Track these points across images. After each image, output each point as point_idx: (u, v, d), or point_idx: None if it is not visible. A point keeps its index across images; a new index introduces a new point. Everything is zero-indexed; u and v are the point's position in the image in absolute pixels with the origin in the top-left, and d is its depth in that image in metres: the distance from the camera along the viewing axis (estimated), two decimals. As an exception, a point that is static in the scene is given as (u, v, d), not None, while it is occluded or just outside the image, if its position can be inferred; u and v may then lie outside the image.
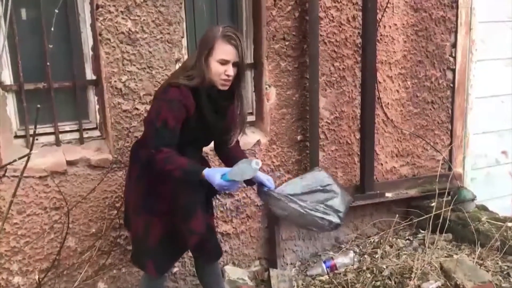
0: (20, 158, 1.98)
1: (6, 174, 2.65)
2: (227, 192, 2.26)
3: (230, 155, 2.44)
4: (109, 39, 2.75)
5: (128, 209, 2.49)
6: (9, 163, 2.17)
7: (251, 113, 3.35)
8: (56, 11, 2.12)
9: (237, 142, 2.50)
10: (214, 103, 2.24)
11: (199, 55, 2.19)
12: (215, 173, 2.15)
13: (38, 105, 2.06)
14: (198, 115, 2.21)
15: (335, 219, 2.33)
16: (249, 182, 2.37)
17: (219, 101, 2.25)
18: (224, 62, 2.16)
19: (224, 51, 2.15)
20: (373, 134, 3.47)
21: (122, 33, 2.77)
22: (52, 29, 2.09)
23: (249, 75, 3.30)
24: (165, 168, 2.14)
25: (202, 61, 2.17)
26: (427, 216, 3.36)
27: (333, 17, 3.28)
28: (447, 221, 3.16)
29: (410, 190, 3.76)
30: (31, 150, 2.08)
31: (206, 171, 2.16)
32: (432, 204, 3.60)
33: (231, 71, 2.18)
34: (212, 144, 2.57)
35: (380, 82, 3.53)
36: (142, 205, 2.34)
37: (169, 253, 2.41)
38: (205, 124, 2.24)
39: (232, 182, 2.15)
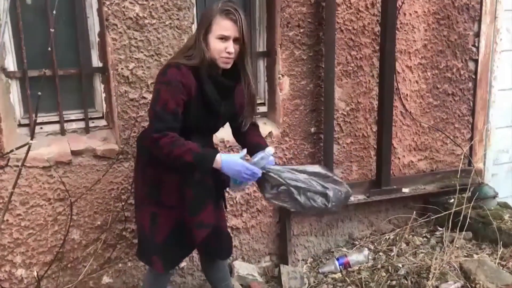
0: (18, 148, 1.87)
1: (9, 164, 2.57)
2: (245, 180, 2.11)
3: (248, 141, 2.31)
4: (116, 25, 2.64)
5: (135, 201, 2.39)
6: (8, 153, 2.08)
7: (263, 104, 3.25)
8: (58, -4, 1.99)
9: (257, 126, 2.39)
10: (217, 83, 2.12)
11: (198, 33, 2.08)
12: (236, 157, 2.03)
13: (39, 93, 1.95)
14: (200, 97, 2.09)
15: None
16: None
17: (222, 81, 2.13)
18: (223, 38, 2.04)
19: (222, 26, 2.03)
20: (391, 127, 3.34)
21: (130, 18, 2.66)
22: (54, 12, 1.97)
23: (261, 64, 3.19)
24: (173, 153, 1.99)
25: (201, 39, 2.05)
26: (446, 213, 3.23)
27: (350, 3, 3.14)
28: (467, 219, 3.01)
29: (428, 185, 3.63)
30: (31, 139, 1.97)
31: (224, 156, 2.05)
32: (451, 201, 3.48)
33: (231, 47, 2.05)
34: (222, 134, 2.45)
35: (399, 73, 3.39)
36: (148, 197, 2.23)
37: (177, 248, 2.30)
38: (208, 106, 2.12)
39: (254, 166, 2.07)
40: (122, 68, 2.70)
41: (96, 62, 2.81)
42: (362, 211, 3.51)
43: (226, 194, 3.03)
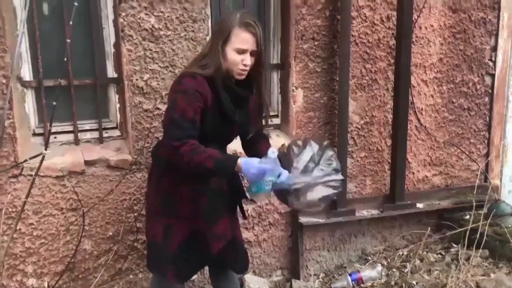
0: (31, 158, 1.87)
1: (23, 173, 2.57)
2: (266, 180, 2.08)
3: (259, 152, 2.25)
4: (132, 36, 2.65)
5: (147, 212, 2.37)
6: (21, 163, 2.08)
7: (276, 116, 3.23)
8: (76, 4, 2.00)
9: (266, 139, 2.38)
10: (232, 93, 2.10)
11: (215, 43, 2.06)
12: (251, 160, 2.00)
13: (54, 102, 1.96)
14: (216, 106, 2.08)
15: (338, 176, 2.20)
16: None
17: (237, 91, 2.11)
18: (241, 51, 2.04)
19: (242, 39, 2.02)
20: (406, 141, 3.30)
21: (145, 29, 2.67)
22: (71, 22, 1.98)
23: (275, 76, 3.18)
24: (194, 160, 1.96)
25: (218, 49, 2.04)
26: (462, 229, 3.17)
27: (366, 16, 3.12)
28: (484, 237, 2.94)
29: (443, 201, 3.58)
30: (45, 149, 1.98)
31: (243, 159, 2.02)
32: (467, 217, 3.43)
33: (248, 60, 2.05)
34: (234, 145, 2.43)
35: (414, 86, 3.36)
36: (162, 208, 2.20)
37: (191, 259, 2.25)
38: (224, 115, 2.11)
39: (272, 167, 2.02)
40: (137, 79, 2.70)
41: (111, 72, 2.82)
42: (376, 226, 3.45)
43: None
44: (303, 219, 3.13)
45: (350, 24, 3.02)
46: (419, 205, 3.47)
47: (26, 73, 2.66)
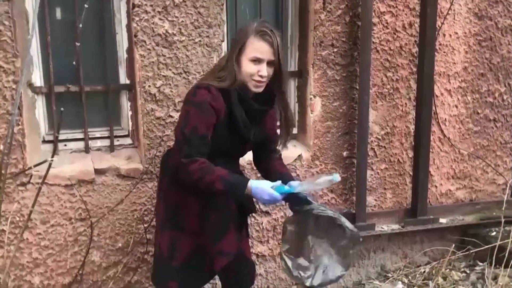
0: (36, 165, 1.80)
1: (31, 181, 2.50)
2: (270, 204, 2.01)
3: (272, 170, 2.20)
4: (145, 41, 2.58)
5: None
6: (24, 170, 1.99)
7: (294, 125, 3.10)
8: (86, 6, 1.93)
9: (279, 156, 2.27)
10: (248, 107, 2.01)
11: (231, 54, 1.98)
12: (265, 185, 1.91)
13: (62, 108, 1.88)
14: (229, 120, 1.99)
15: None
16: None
17: (254, 106, 2.01)
18: (257, 61, 1.94)
19: (256, 48, 1.92)
20: (428, 153, 3.18)
21: (159, 34, 2.59)
22: (80, 25, 1.91)
23: (292, 84, 3.08)
24: (203, 180, 1.89)
25: (234, 61, 1.95)
26: (488, 246, 3.01)
27: (387, 23, 3.01)
28: (512, 254, 2.79)
29: (467, 216, 3.43)
30: (52, 157, 1.90)
31: (254, 183, 1.92)
32: (493, 234, 3.26)
33: (265, 71, 1.94)
34: (248, 157, 2.34)
35: (437, 96, 3.23)
36: (169, 219, 2.13)
37: (195, 274, 2.17)
38: (237, 130, 2.01)
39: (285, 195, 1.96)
40: (149, 86, 2.62)
41: (123, 79, 2.75)
42: (396, 241, 3.31)
43: (251, 220, 2.90)
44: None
45: (371, 30, 2.92)
46: (442, 220, 3.33)
47: (37, 78, 2.60)
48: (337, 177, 1.90)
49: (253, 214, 2.82)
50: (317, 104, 2.96)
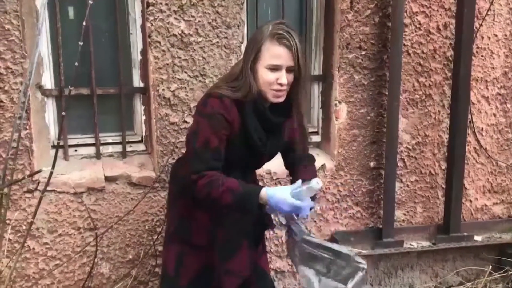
0: (30, 176, 1.65)
1: (38, 188, 2.38)
2: (297, 217, 1.82)
3: (294, 176, 2.02)
4: (159, 42, 2.44)
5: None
6: (17, 181, 1.86)
7: (316, 133, 2.96)
8: (90, 2, 1.79)
9: (313, 161, 2.08)
10: (264, 120, 1.83)
11: (245, 61, 1.79)
12: (283, 192, 1.71)
13: (63, 113, 1.75)
14: (243, 134, 1.82)
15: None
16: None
17: (270, 118, 1.83)
18: (275, 68, 1.75)
19: (274, 54, 1.73)
20: (463, 165, 2.97)
21: (174, 35, 2.45)
22: (84, 23, 1.77)
23: (316, 88, 2.91)
24: (211, 195, 1.73)
25: (248, 69, 1.77)
26: (529, 269, 2.74)
27: (420, 24, 2.81)
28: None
29: (505, 234, 3.19)
30: (53, 167, 1.76)
31: (269, 191, 1.73)
32: (534, 254, 2.98)
33: (284, 78, 1.75)
34: (267, 166, 2.16)
35: (473, 103, 3.01)
36: (176, 233, 1.98)
37: None
38: (251, 144, 1.84)
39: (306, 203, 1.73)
40: (163, 89, 2.48)
41: (137, 82, 2.62)
42: (426, 259, 3.09)
43: (269, 234, 2.73)
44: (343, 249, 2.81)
45: (402, 32, 2.73)
46: (477, 238, 3.10)
47: (47, 81, 2.49)
48: (315, 184, 1.69)
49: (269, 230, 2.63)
50: (343, 110, 2.78)
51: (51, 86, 2.50)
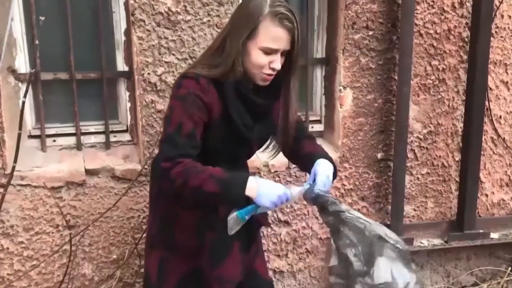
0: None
1: (12, 183, 2.17)
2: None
3: (300, 154, 1.79)
4: (144, 21, 2.21)
5: None
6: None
7: (319, 121, 2.75)
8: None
9: (312, 137, 1.87)
10: (248, 103, 1.61)
11: (234, 36, 1.56)
12: (276, 184, 1.56)
13: (23, 98, 1.52)
14: (225, 119, 1.60)
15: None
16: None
17: (256, 101, 1.62)
18: (270, 52, 1.54)
19: (273, 36, 1.52)
20: (479, 156, 2.77)
21: (160, 13, 2.23)
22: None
23: (318, 72, 2.69)
24: (189, 184, 1.50)
25: (238, 45, 1.54)
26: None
27: (433, 1, 2.59)
28: None
29: (524, 231, 2.97)
30: (15, 161, 1.55)
31: (259, 179, 1.55)
32: (555, 253, 2.76)
33: (278, 63, 1.56)
34: (264, 157, 1.94)
35: (491, 89, 2.79)
36: (158, 236, 1.76)
37: None
38: (235, 130, 1.63)
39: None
40: (149, 73, 2.26)
41: (121, 65, 2.40)
42: (437, 258, 2.90)
43: (267, 231, 2.52)
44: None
45: (413, 10, 2.50)
46: (493, 235, 2.91)
47: (22, 64, 2.28)
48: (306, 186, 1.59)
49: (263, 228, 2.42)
50: (348, 96, 2.56)
51: (26, 70, 2.29)
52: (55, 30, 2.30)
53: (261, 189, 1.51)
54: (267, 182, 1.56)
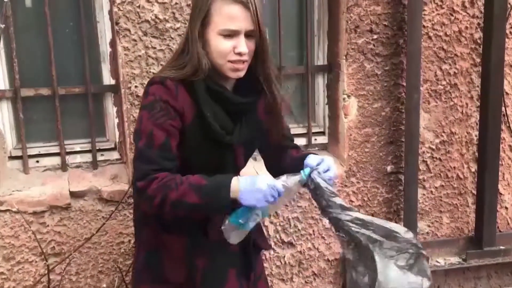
0: None
1: (-10, 208, 2.02)
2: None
3: (286, 163, 1.61)
4: (129, 30, 2.08)
5: None
6: None
7: (322, 133, 2.60)
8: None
9: (298, 147, 1.70)
10: (225, 102, 1.46)
11: (191, 29, 1.43)
12: (259, 180, 1.38)
13: None
14: (200, 123, 1.44)
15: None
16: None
17: (233, 98, 1.47)
18: (230, 34, 1.39)
19: (227, 15, 1.38)
20: (497, 166, 2.62)
21: (147, 21, 2.10)
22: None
23: (320, 81, 2.55)
24: (168, 200, 1.34)
25: (196, 37, 1.40)
26: None
27: (442, 1, 2.45)
28: None
29: (548, 246, 2.79)
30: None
31: (240, 178, 1.39)
32: None
33: (243, 45, 1.40)
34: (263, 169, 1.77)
35: (507, 94, 2.65)
36: (144, 270, 1.59)
37: None
38: (212, 134, 1.46)
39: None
40: (136, 86, 2.13)
41: (107, 78, 2.26)
42: (455, 277, 2.72)
43: (269, 254, 2.34)
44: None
45: (421, 11, 2.37)
46: (515, 252, 2.73)
47: (1, 81, 2.14)
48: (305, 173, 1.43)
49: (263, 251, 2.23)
50: (353, 106, 2.42)
51: (4, 86, 2.15)
52: (35, 42, 2.17)
53: (242, 187, 1.35)
54: (248, 178, 1.38)
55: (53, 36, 2.11)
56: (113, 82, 2.25)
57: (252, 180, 1.38)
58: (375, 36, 2.36)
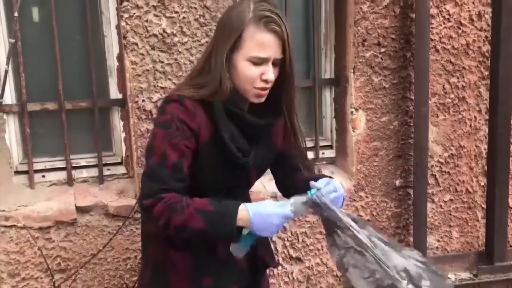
0: None
1: (-2, 223, 2.00)
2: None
3: (297, 185, 1.58)
4: (137, 44, 2.06)
5: None
6: None
7: (330, 147, 2.56)
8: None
9: (311, 168, 1.68)
10: (243, 124, 1.43)
11: (217, 51, 1.39)
12: (267, 204, 1.36)
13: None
14: (216, 144, 1.41)
15: None
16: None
17: (251, 122, 1.44)
18: (260, 62, 1.37)
19: (261, 42, 1.35)
20: (507, 180, 2.57)
21: (154, 35, 2.08)
22: (16, 14, 1.37)
23: (328, 94, 2.52)
24: (172, 223, 1.31)
25: (222, 59, 1.37)
26: None
27: (449, 14, 2.42)
28: None
29: (560, 261, 2.72)
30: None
31: (249, 205, 1.34)
32: None
33: (271, 74, 1.38)
34: (271, 187, 1.76)
35: None
36: (147, 284, 1.56)
37: None
38: (228, 156, 1.43)
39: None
40: (143, 100, 2.11)
41: (114, 93, 2.24)
42: None
43: (277, 270, 2.30)
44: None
45: (428, 24, 2.35)
46: (527, 267, 2.67)
47: (8, 95, 2.12)
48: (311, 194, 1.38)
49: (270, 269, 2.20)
50: (360, 119, 2.39)
51: (11, 101, 2.13)
52: (42, 57, 2.16)
53: (254, 220, 1.31)
54: (259, 210, 1.33)
55: (60, 50, 2.10)
56: (120, 96, 2.23)
57: (265, 214, 1.33)
58: (382, 50, 2.34)
